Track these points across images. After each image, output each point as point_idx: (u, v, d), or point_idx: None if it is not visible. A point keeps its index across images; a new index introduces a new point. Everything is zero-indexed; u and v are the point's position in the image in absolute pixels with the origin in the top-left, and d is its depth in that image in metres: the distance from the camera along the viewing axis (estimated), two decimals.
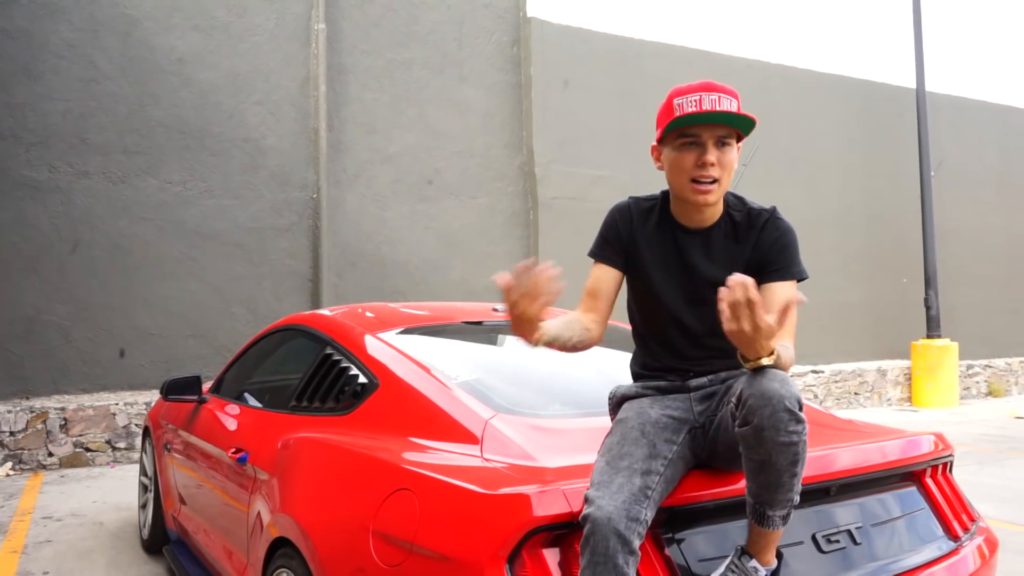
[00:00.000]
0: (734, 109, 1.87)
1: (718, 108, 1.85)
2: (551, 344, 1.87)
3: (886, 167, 11.59)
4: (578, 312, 2.03)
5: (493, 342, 3.05)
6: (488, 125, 9.07)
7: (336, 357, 2.74)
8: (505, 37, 9.21)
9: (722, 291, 1.55)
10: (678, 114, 1.88)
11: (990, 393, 11.73)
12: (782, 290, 1.93)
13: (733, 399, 1.66)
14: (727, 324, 1.55)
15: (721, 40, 10.88)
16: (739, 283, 1.52)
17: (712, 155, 1.88)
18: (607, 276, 2.05)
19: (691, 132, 1.90)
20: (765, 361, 1.60)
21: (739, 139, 1.95)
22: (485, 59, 9.08)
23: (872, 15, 13.16)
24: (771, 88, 10.67)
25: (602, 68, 9.59)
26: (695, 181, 1.90)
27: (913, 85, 11.03)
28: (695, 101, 1.86)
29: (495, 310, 3.24)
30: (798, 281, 1.98)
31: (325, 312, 3.25)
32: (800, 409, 1.58)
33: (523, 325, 1.75)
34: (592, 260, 2.10)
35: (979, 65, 14.57)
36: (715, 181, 1.90)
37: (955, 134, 12.20)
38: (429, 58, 8.77)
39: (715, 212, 1.99)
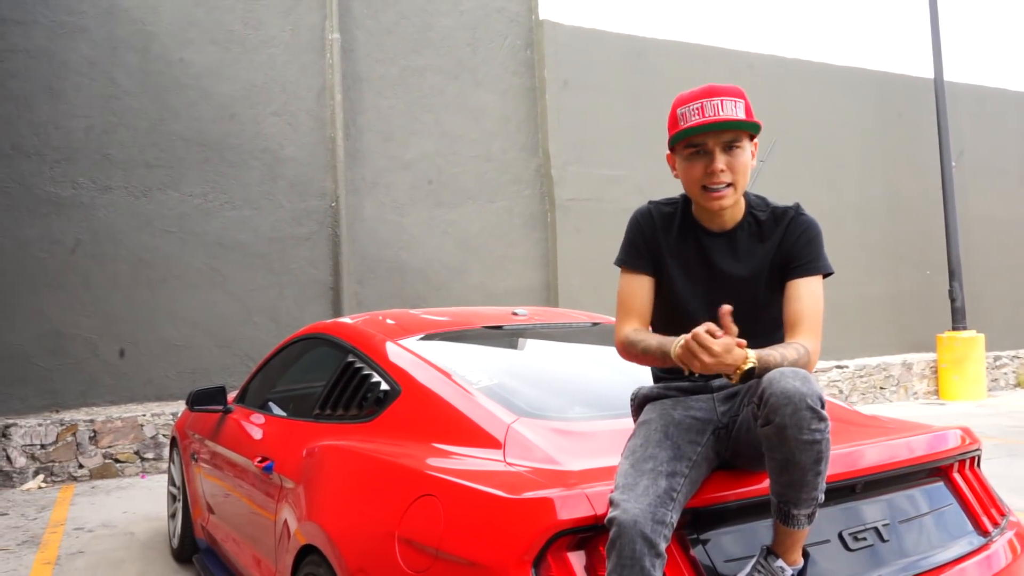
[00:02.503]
0: (738, 113, 1.86)
1: (720, 115, 1.85)
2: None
3: (906, 158, 11.47)
4: (636, 327, 1.99)
5: (514, 346, 3.06)
6: (504, 129, 9.08)
7: (358, 365, 2.76)
8: (518, 41, 9.22)
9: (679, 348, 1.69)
10: (682, 125, 1.89)
11: (1019, 384, 11.56)
12: (807, 286, 1.93)
13: (755, 399, 1.65)
14: (692, 369, 1.68)
15: (735, 36, 10.82)
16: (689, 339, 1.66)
17: (720, 162, 1.88)
18: (644, 285, 2.02)
19: (697, 141, 1.90)
20: (746, 367, 1.65)
21: (752, 137, 1.95)
22: (499, 63, 9.10)
23: (887, 5, 13.03)
24: (787, 83, 10.59)
25: (615, 68, 9.57)
26: (707, 188, 1.91)
27: (931, 75, 10.91)
28: (697, 110, 1.87)
29: (515, 314, 3.25)
30: (824, 276, 1.97)
31: (346, 320, 3.27)
32: (822, 407, 1.57)
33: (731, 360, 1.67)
34: (620, 268, 2.07)
35: (998, 52, 14.38)
36: (729, 185, 1.90)
37: (975, 123, 12.05)
38: (443, 64, 8.81)
39: (736, 213, 1.99)
